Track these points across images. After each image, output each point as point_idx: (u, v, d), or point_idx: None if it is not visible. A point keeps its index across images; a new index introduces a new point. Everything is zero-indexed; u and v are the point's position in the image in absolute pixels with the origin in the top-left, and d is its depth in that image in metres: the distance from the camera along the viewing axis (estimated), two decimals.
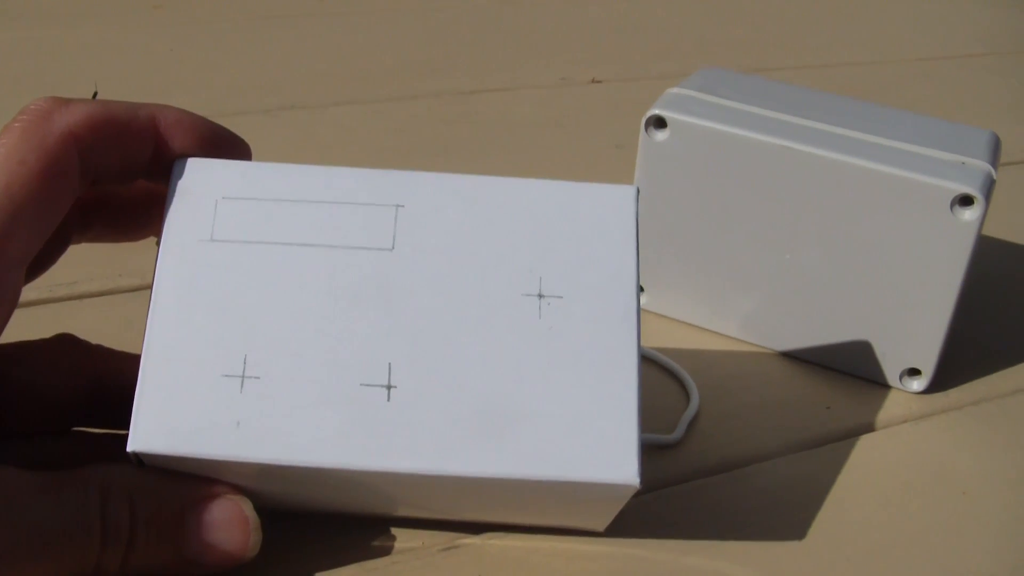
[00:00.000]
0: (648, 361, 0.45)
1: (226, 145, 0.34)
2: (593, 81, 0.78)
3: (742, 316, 0.47)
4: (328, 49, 0.81)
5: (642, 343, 0.32)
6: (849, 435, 0.43)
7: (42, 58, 0.74)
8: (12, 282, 0.30)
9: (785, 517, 0.38)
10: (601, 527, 0.36)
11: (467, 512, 0.35)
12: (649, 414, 0.32)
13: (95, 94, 0.54)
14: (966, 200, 0.41)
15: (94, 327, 0.37)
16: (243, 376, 0.30)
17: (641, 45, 0.87)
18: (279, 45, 0.81)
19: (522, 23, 0.90)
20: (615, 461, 0.30)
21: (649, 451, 0.40)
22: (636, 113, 0.46)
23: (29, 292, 0.31)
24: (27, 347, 0.34)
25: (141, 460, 0.31)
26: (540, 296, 0.32)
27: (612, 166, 0.64)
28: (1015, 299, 0.54)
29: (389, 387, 0.31)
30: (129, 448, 0.30)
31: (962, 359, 0.47)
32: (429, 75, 0.77)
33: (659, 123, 0.45)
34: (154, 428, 0.30)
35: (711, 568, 0.36)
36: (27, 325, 0.34)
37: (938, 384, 0.45)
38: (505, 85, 0.76)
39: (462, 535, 0.36)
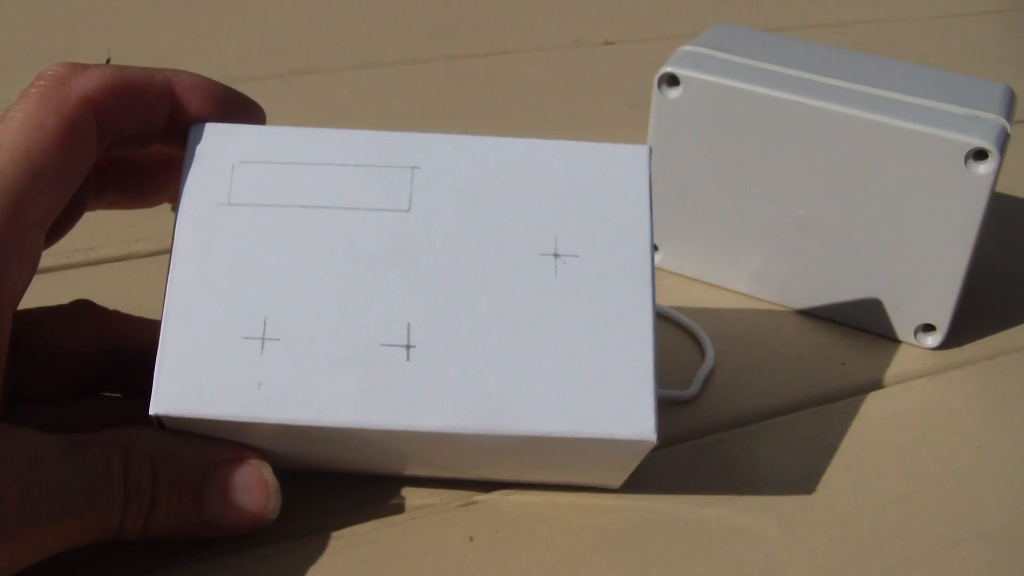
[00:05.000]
0: (663, 318, 0.46)
1: (241, 109, 0.34)
2: (606, 42, 0.78)
3: (756, 273, 0.47)
4: (339, 13, 0.80)
5: (657, 301, 0.32)
6: (864, 390, 0.43)
7: (51, 27, 0.74)
8: (33, 246, 0.30)
9: (800, 471, 0.38)
10: (616, 484, 0.36)
11: (484, 471, 0.35)
12: (665, 370, 0.32)
13: (108, 60, 0.54)
14: (980, 154, 0.40)
15: (111, 292, 0.38)
16: (263, 338, 0.31)
17: (654, 5, 0.86)
18: (290, 9, 0.80)
19: None
20: (632, 417, 0.31)
21: (665, 407, 0.41)
22: (649, 73, 0.46)
23: (46, 258, 0.31)
24: (46, 312, 0.34)
25: (162, 423, 0.31)
26: (556, 255, 0.32)
27: (625, 126, 0.64)
28: None
29: (408, 347, 0.31)
30: (151, 411, 0.30)
31: (977, 315, 0.47)
32: (441, 38, 0.77)
33: (672, 80, 0.45)
34: (176, 391, 0.30)
35: (727, 520, 0.36)
36: (45, 291, 0.35)
37: (953, 340, 0.45)
38: (517, 47, 0.76)
39: (478, 492, 0.36)
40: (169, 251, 0.32)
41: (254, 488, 0.32)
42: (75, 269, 0.47)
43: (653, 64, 0.46)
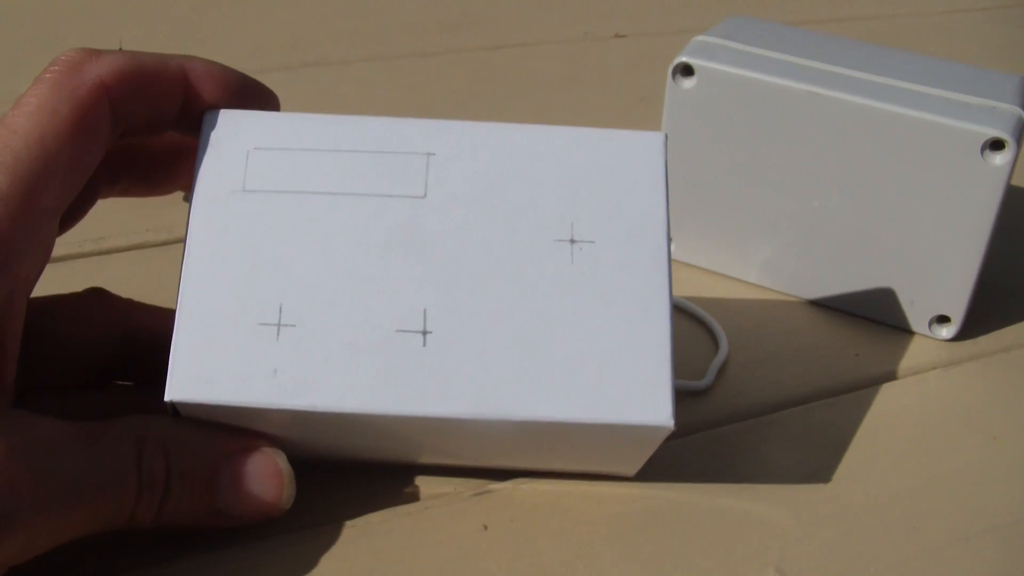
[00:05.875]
0: (677, 309, 0.45)
1: (255, 96, 0.34)
2: (616, 36, 0.78)
3: (770, 264, 0.47)
4: (349, 6, 0.80)
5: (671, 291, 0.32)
6: (878, 382, 0.43)
7: (60, 19, 0.74)
8: (46, 233, 0.30)
9: (814, 461, 0.38)
10: (631, 472, 0.36)
11: (499, 459, 0.35)
12: (679, 361, 0.32)
13: (120, 49, 0.54)
14: (997, 144, 0.40)
15: (123, 281, 0.37)
16: (279, 324, 0.31)
17: None
18: (299, 2, 0.80)
19: None
20: (649, 403, 0.30)
21: (679, 397, 0.40)
22: (660, 67, 0.46)
23: (58, 247, 0.31)
24: (58, 301, 0.34)
25: (177, 409, 0.31)
26: (572, 241, 0.32)
27: (635, 120, 0.64)
28: None
29: (424, 333, 0.31)
30: (167, 397, 0.30)
31: (991, 306, 0.47)
32: (451, 31, 0.77)
33: (686, 71, 0.44)
34: (191, 377, 0.30)
35: (740, 509, 0.36)
36: (56, 280, 0.34)
37: (967, 331, 0.45)
38: (527, 41, 0.76)
39: (493, 481, 0.36)
40: (183, 238, 0.32)
41: (268, 477, 0.32)
42: (86, 258, 0.47)
43: (664, 57, 0.46)
